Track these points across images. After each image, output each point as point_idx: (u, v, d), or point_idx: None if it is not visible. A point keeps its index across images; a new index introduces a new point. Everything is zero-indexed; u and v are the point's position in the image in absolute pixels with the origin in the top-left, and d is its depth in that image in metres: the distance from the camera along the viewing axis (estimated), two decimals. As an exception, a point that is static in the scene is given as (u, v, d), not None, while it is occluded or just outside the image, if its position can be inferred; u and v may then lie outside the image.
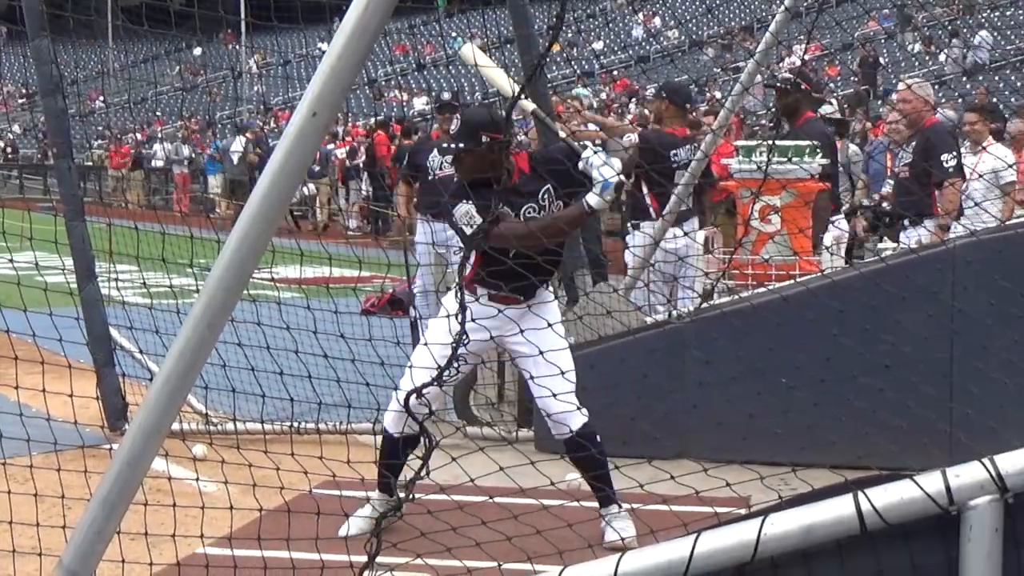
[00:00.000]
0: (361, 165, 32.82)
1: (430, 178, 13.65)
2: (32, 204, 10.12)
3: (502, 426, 10.09)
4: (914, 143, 11.91)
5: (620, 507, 7.51)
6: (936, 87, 36.21)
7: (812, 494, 3.56)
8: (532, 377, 7.27)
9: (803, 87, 12.07)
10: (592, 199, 7.26)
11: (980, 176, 12.40)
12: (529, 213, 7.59)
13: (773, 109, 13.76)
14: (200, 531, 5.82)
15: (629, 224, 12.25)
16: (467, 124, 7.63)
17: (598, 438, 7.45)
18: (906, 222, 11.82)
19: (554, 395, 7.07)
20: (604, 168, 7.22)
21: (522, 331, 6.96)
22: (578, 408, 7.40)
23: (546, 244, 7.08)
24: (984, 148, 13.33)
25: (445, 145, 8.36)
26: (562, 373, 7.01)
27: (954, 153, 11.75)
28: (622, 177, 7.28)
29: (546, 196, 7.63)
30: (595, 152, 7.35)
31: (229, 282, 3.60)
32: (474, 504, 5.18)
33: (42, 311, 6.60)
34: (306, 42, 58.40)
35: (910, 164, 11.69)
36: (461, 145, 7.52)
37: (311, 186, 32.89)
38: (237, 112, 53.54)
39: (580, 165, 7.37)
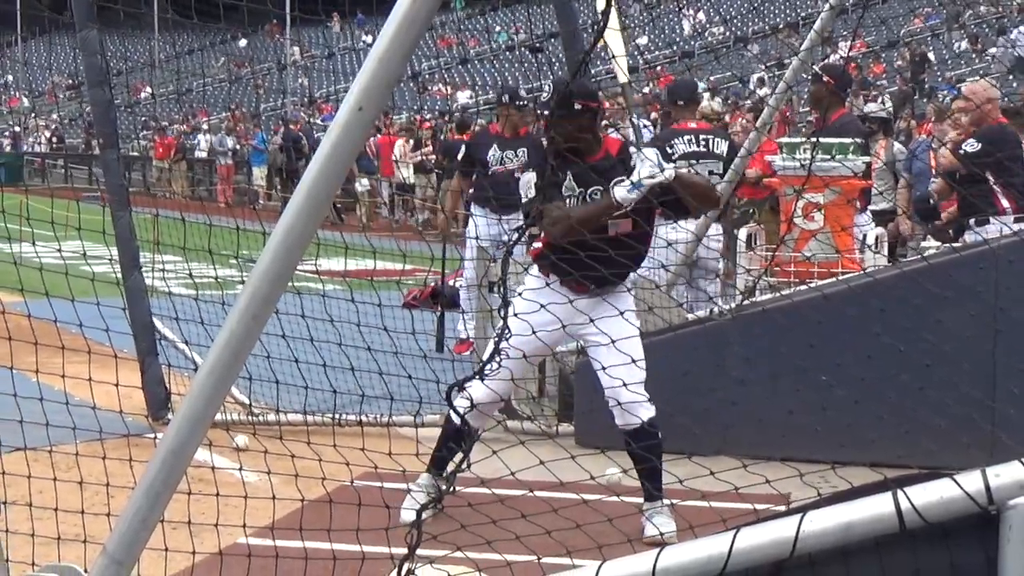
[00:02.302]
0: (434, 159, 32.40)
1: (490, 172, 13.63)
2: (79, 193, 10.17)
3: (542, 420, 10.11)
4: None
5: (663, 503, 7.53)
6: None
7: (851, 492, 3.56)
8: (604, 367, 7.25)
9: (824, 79, 11.93)
10: (619, 191, 7.21)
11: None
12: (595, 196, 7.56)
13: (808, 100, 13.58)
14: (242, 521, 5.86)
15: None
16: (560, 91, 7.62)
17: (660, 434, 7.47)
18: (972, 222, 11.75)
19: (625, 384, 7.07)
20: (646, 166, 7.16)
21: (592, 320, 6.91)
22: (648, 400, 7.41)
23: (578, 231, 6.96)
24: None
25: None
26: (634, 362, 7.00)
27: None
28: (660, 179, 7.18)
29: None
30: (653, 150, 7.28)
31: (274, 273, 3.63)
32: (514, 497, 5.20)
33: (89, 300, 6.65)
34: (348, 36, 58.58)
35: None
36: (554, 112, 7.51)
37: (364, 181, 32.80)
38: (282, 104, 53.71)
39: (633, 155, 7.32)
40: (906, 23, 43.89)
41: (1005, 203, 11.85)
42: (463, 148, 14.59)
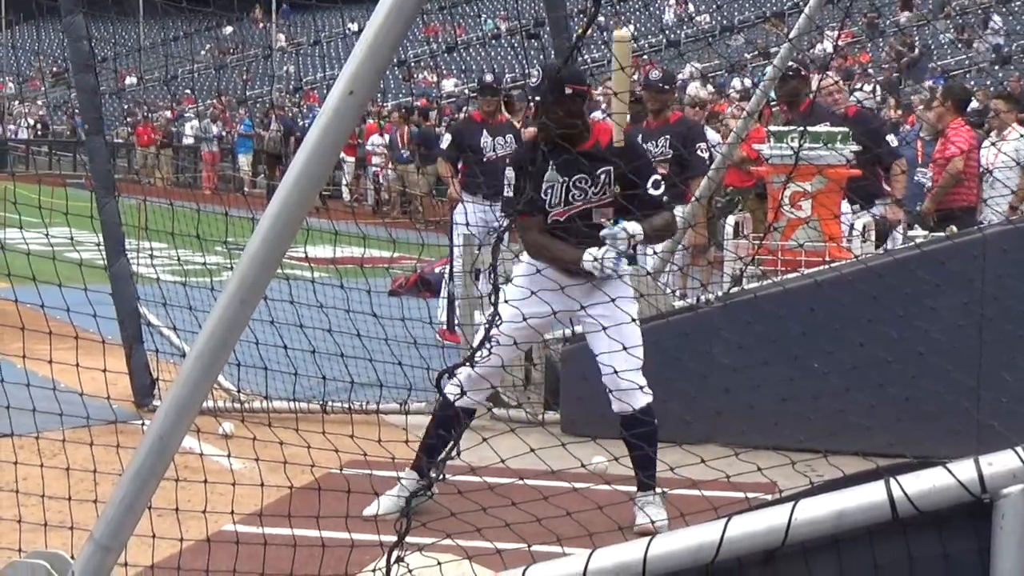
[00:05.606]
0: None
1: (484, 160, 13.65)
2: (65, 180, 10.14)
3: (529, 408, 10.09)
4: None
5: (656, 494, 7.49)
6: (968, 75, 36.08)
7: (843, 480, 3.55)
8: (599, 353, 7.27)
9: (802, 73, 12.04)
10: (587, 263, 7.33)
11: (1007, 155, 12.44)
12: (580, 183, 7.56)
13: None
14: (230, 508, 5.83)
15: None
16: (551, 76, 7.58)
17: (656, 421, 7.44)
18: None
19: (616, 372, 7.05)
20: (609, 253, 7.29)
21: (583, 307, 6.88)
22: (641, 387, 7.36)
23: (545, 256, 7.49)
24: (1009, 133, 13.39)
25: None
26: (625, 349, 6.97)
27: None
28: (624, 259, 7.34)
29: (604, 176, 7.58)
30: (618, 230, 7.31)
31: (263, 259, 3.60)
32: (503, 485, 5.18)
33: (76, 286, 6.61)
34: (334, 22, 58.48)
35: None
36: (545, 97, 7.50)
37: (391, 173, 32.53)
38: (268, 91, 53.58)
39: (603, 232, 7.38)
40: (891, 13, 43.89)
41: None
42: (450, 134, 14.55)
